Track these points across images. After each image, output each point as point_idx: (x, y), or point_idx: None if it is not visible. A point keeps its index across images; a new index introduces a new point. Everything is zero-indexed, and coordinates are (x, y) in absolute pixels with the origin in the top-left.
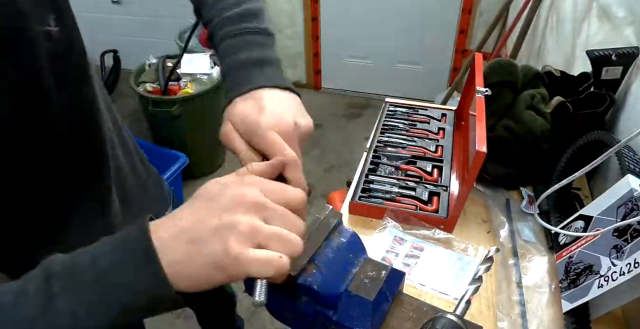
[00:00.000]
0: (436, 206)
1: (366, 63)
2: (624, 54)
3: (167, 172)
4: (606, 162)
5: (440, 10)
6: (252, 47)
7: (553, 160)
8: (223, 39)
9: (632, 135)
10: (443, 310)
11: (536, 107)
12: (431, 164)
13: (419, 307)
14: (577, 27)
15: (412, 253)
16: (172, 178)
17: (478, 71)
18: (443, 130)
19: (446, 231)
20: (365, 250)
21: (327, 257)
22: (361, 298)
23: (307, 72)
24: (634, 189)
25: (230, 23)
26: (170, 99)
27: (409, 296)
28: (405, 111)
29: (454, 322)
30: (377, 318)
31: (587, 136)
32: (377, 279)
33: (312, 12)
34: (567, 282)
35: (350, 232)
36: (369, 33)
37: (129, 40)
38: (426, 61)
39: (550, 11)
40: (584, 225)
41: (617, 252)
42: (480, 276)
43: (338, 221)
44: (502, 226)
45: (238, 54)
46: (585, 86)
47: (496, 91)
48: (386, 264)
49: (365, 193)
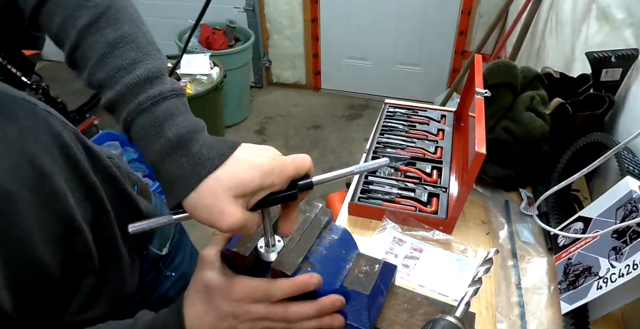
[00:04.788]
0: (435, 207)
1: (366, 64)
2: (624, 55)
3: None
4: (605, 163)
5: (439, 12)
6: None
7: (552, 161)
8: (137, 115)
9: (632, 137)
10: (436, 300)
11: (536, 108)
12: (430, 166)
13: (412, 298)
14: (577, 28)
15: (411, 254)
16: None
17: (478, 73)
18: (442, 131)
19: (445, 232)
20: (356, 246)
21: (320, 254)
22: (357, 293)
23: (307, 73)
24: (633, 190)
25: (142, 90)
26: None
27: (403, 288)
28: (404, 112)
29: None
30: (373, 311)
31: (586, 137)
32: (372, 274)
33: (311, 13)
34: (566, 283)
35: (341, 229)
36: (368, 34)
37: None
38: (426, 62)
39: (549, 13)
40: (583, 227)
41: (616, 253)
42: (480, 278)
43: (329, 218)
44: (501, 228)
45: (171, 130)
46: (584, 87)
47: (496, 92)
48: (378, 258)
49: (364, 194)
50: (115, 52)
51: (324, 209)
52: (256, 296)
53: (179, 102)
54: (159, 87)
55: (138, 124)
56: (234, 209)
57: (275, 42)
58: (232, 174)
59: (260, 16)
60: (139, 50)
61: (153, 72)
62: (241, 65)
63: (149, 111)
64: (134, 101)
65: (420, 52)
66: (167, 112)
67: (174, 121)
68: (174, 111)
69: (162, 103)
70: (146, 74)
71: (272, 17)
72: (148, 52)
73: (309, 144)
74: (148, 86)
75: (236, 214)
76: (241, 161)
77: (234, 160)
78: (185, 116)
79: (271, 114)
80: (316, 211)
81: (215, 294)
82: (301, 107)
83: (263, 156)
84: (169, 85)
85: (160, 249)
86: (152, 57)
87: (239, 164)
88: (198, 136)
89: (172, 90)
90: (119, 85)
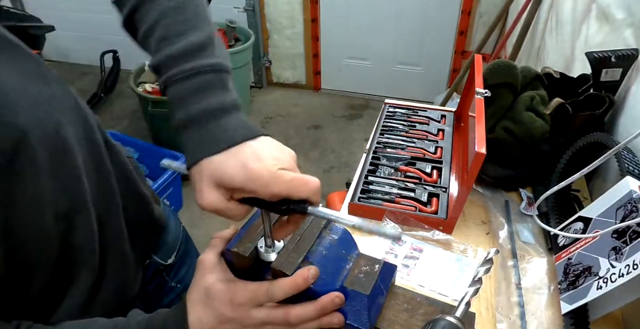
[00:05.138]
0: (435, 207)
1: (366, 64)
2: (624, 55)
3: (166, 173)
4: (605, 163)
5: (439, 12)
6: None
7: (552, 161)
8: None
9: (632, 137)
10: (436, 300)
11: (536, 108)
12: (430, 166)
13: (412, 298)
14: (577, 28)
15: (411, 254)
16: (172, 179)
17: (478, 73)
18: (442, 131)
19: (445, 232)
20: (356, 246)
21: (320, 255)
22: (357, 293)
23: (307, 73)
24: (633, 190)
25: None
26: None
27: (402, 288)
28: (404, 112)
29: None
30: (373, 311)
31: (586, 137)
32: (372, 274)
33: (311, 13)
34: (566, 283)
35: (341, 229)
36: (368, 34)
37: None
38: (426, 62)
39: (549, 13)
40: (583, 227)
41: (616, 253)
42: (480, 278)
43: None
44: (502, 228)
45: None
46: (584, 87)
47: (496, 92)
48: (378, 258)
49: (364, 194)
50: (164, 20)
51: None
52: (258, 299)
53: (215, 78)
54: (197, 61)
55: (169, 92)
56: (209, 194)
57: (275, 42)
58: (221, 164)
59: (260, 16)
60: (186, 22)
61: (191, 46)
62: (241, 65)
63: (180, 83)
64: (169, 72)
65: (420, 52)
66: (196, 87)
67: (200, 96)
68: (204, 86)
69: (194, 78)
70: (185, 47)
71: (272, 17)
72: (194, 25)
73: (309, 144)
74: (185, 59)
75: (210, 199)
76: (241, 155)
77: (236, 150)
78: (216, 92)
79: (271, 114)
80: None
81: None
82: (301, 107)
83: (265, 161)
84: (208, 59)
85: (165, 259)
86: (197, 29)
87: (236, 158)
88: (221, 114)
89: (210, 65)
90: (160, 54)
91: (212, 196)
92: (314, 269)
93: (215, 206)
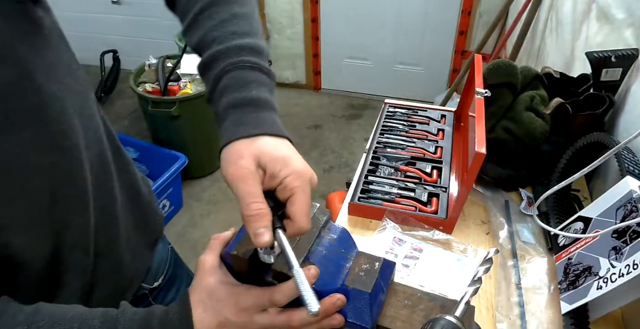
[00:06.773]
0: (435, 207)
1: (366, 64)
2: (624, 55)
3: (166, 173)
4: (605, 163)
5: (439, 12)
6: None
7: (552, 161)
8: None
9: (632, 137)
10: (436, 295)
11: (535, 108)
12: (430, 165)
13: (412, 294)
14: (577, 28)
15: (411, 254)
16: (172, 178)
17: (478, 72)
18: (442, 131)
19: (445, 232)
20: (355, 244)
21: (320, 254)
22: (359, 291)
23: (307, 73)
24: (633, 190)
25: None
26: (169, 100)
27: (402, 285)
28: (404, 112)
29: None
30: (375, 308)
31: (586, 137)
32: (372, 271)
33: (312, 13)
34: (566, 283)
35: (340, 228)
36: (368, 34)
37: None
38: (426, 62)
39: (549, 13)
40: (583, 226)
41: (616, 253)
42: (480, 278)
43: (327, 218)
44: (502, 228)
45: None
46: (584, 87)
47: (496, 92)
48: (377, 255)
49: (364, 194)
50: (234, 20)
51: (322, 208)
52: (262, 304)
53: (270, 82)
54: (260, 61)
55: (232, 75)
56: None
57: (275, 42)
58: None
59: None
60: (252, 27)
61: (257, 48)
62: None
63: (246, 69)
64: (236, 57)
65: (420, 52)
66: (257, 78)
67: (259, 87)
68: (261, 82)
69: (256, 71)
70: (253, 44)
71: (272, 17)
72: (257, 32)
73: (309, 144)
74: (251, 53)
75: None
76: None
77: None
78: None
79: None
80: (314, 210)
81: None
82: (301, 107)
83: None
84: (266, 65)
85: (149, 283)
86: (259, 37)
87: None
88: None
89: (268, 70)
90: (229, 43)
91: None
92: (314, 269)
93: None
